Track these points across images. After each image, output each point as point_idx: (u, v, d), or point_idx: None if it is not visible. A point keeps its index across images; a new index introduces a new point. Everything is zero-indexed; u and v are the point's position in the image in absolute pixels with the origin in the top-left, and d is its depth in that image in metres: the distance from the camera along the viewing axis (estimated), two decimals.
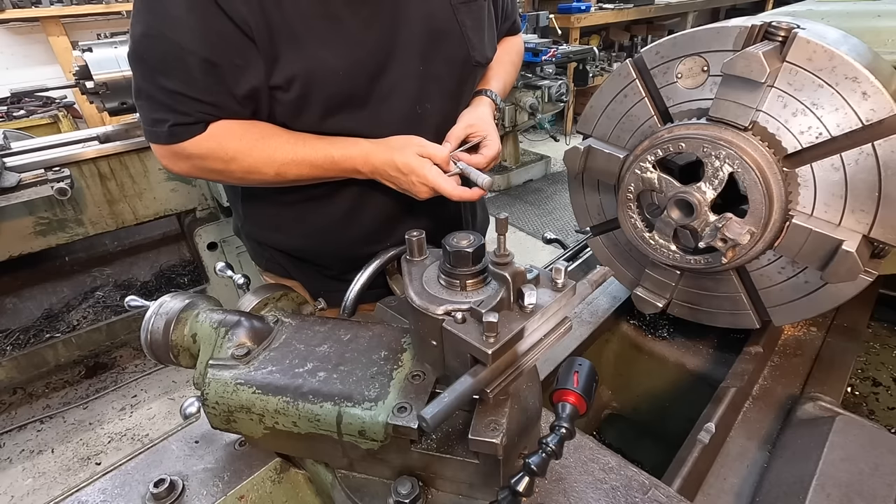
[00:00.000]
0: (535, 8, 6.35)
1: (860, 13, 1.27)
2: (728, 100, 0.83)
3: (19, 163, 2.19)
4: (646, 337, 1.29)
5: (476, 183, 1.09)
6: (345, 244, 1.30)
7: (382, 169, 1.09)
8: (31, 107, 3.92)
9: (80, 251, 3.25)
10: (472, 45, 1.19)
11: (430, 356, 0.65)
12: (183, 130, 1.01)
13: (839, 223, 0.82)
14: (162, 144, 1.04)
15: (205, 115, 1.01)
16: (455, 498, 0.68)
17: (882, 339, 1.43)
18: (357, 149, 1.09)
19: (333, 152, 1.08)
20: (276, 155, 1.06)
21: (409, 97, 1.15)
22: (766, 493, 0.82)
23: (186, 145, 1.02)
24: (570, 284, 0.60)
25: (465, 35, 1.17)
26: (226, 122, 1.04)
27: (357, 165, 1.09)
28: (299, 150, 1.07)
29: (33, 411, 2.80)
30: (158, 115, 1.00)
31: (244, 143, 1.05)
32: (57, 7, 4.18)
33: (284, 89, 1.02)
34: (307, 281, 1.39)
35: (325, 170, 1.10)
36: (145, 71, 0.99)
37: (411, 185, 1.08)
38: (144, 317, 0.78)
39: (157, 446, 0.84)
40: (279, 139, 1.07)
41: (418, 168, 1.06)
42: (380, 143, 1.10)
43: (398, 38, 1.09)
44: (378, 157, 1.08)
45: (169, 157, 1.07)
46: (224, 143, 1.04)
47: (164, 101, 0.99)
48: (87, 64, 2.26)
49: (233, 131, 1.04)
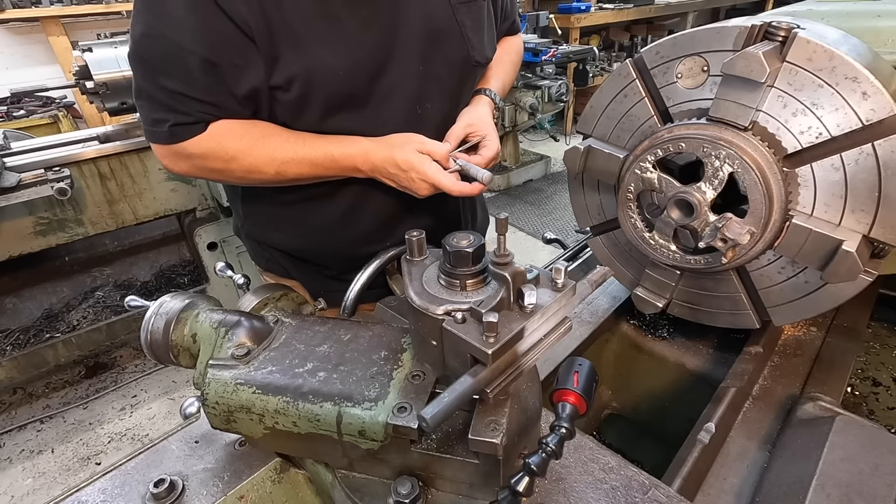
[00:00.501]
0: (535, 8, 6.34)
1: (860, 13, 1.27)
2: (728, 100, 0.83)
3: (19, 163, 2.19)
4: (646, 337, 1.29)
5: (476, 178, 1.09)
6: (344, 244, 1.30)
7: (382, 166, 1.09)
8: (31, 107, 3.91)
9: (80, 251, 3.25)
10: (471, 45, 1.19)
11: (430, 356, 0.65)
12: (183, 130, 1.01)
13: (839, 223, 0.82)
14: (162, 144, 1.04)
15: (205, 115, 1.01)
16: (455, 498, 0.68)
17: (882, 339, 1.43)
18: (357, 147, 1.09)
19: (333, 151, 1.08)
20: (276, 154, 1.06)
21: (409, 97, 1.15)
22: (766, 493, 0.82)
23: (187, 145, 1.03)
24: (570, 284, 0.60)
25: (465, 35, 1.17)
26: (226, 122, 1.04)
27: (357, 164, 1.10)
28: (299, 149, 1.07)
29: (33, 411, 2.80)
30: (159, 115, 1.01)
31: (244, 142, 1.05)
32: (57, 7, 4.18)
33: (284, 89, 1.02)
34: (307, 281, 1.39)
35: (326, 168, 1.10)
36: (145, 71, 0.99)
37: (411, 181, 1.08)
38: (144, 317, 0.78)
39: (157, 446, 0.84)
40: (279, 138, 1.07)
41: (418, 164, 1.06)
42: (379, 141, 1.10)
43: (397, 38, 1.09)
44: (378, 154, 1.08)
45: (169, 156, 1.07)
46: (224, 143, 1.04)
47: (164, 100, 0.99)
48: (87, 64, 2.26)
49: (233, 131, 1.04)
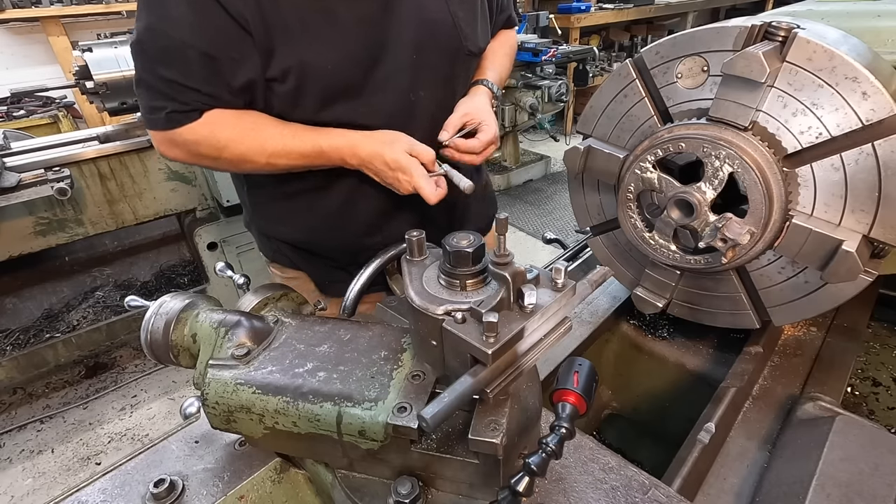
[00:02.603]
0: (535, 8, 6.34)
1: (860, 13, 1.27)
2: (728, 100, 0.83)
3: (19, 163, 2.19)
4: (646, 337, 1.29)
5: (458, 186, 1.12)
6: (345, 236, 1.32)
7: (369, 161, 1.11)
8: (31, 107, 3.91)
9: (80, 251, 3.25)
10: (464, 35, 1.22)
11: (430, 356, 0.65)
12: (179, 117, 1.05)
13: (839, 223, 0.82)
14: (159, 130, 1.08)
15: (201, 104, 1.05)
16: (455, 498, 0.68)
17: (882, 339, 1.43)
18: (345, 140, 1.12)
19: (322, 143, 1.11)
20: (267, 145, 1.10)
21: (403, 87, 1.17)
22: (766, 493, 0.82)
23: (182, 131, 1.06)
24: (570, 284, 0.60)
25: (458, 25, 1.20)
26: (220, 111, 1.07)
27: (345, 156, 1.12)
28: (288, 141, 1.10)
29: (33, 411, 2.80)
30: (157, 103, 1.05)
31: (236, 131, 1.08)
32: (57, 7, 4.17)
33: (280, 81, 1.06)
34: (313, 271, 1.41)
35: (314, 159, 1.13)
36: (146, 62, 1.02)
37: (396, 181, 1.12)
38: (144, 317, 0.78)
39: (157, 446, 0.84)
40: (270, 129, 1.10)
41: (407, 167, 1.09)
42: (369, 135, 1.13)
43: (391, 30, 1.11)
44: (366, 148, 1.11)
45: (165, 143, 1.11)
46: (216, 132, 1.08)
47: (162, 89, 1.03)
48: (87, 64, 2.26)
49: (226, 120, 1.08)
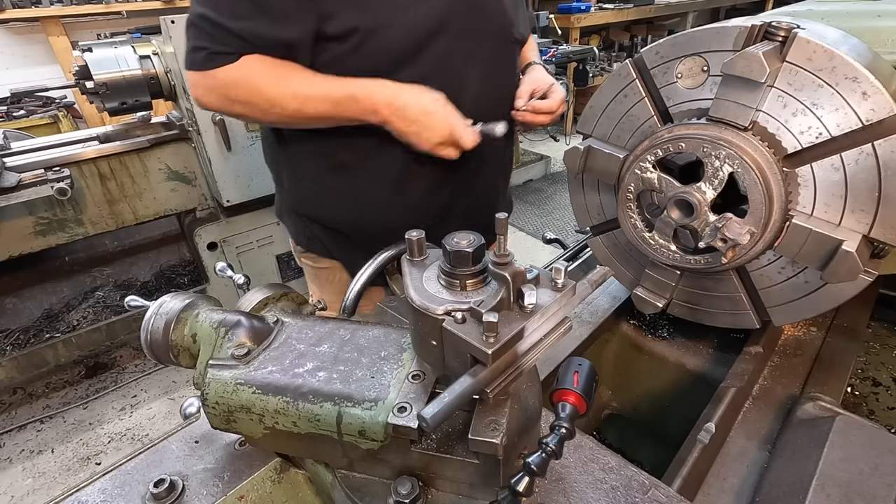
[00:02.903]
0: (535, 8, 6.32)
1: (860, 13, 1.27)
2: (728, 100, 0.83)
3: (19, 163, 2.19)
4: (646, 337, 1.29)
5: (494, 133, 1.18)
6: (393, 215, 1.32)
7: (404, 108, 1.12)
8: (31, 107, 3.91)
9: (80, 251, 3.25)
10: (512, 21, 1.29)
11: (430, 356, 0.65)
12: (219, 58, 1.09)
13: (839, 223, 0.82)
14: (196, 70, 1.12)
15: (240, 48, 1.09)
16: (455, 498, 0.68)
17: (882, 339, 1.43)
18: (379, 87, 1.13)
19: (356, 90, 1.12)
20: (300, 90, 1.12)
21: (451, 66, 1.21)
22: (766, 493, 0.82)
23: (218, 72, 1.10)
24: (570, 284, 0.60)
25: (506, 11, 1.27)
26: (258, 57, 1.11)
27: (377, 104, 1.13)
28: (322, 85, 1.13)
29: (33, 411, 2.80)
30: (200, 43, 1.09)
31: (270, 75, 1.11)
32: (57, 7, 4.17)
33: (340, 40, 1.11)
34: (348, 261, 1.41)
35: (344, 108, 1.14)
36: (198, 3, 1.08)
37: (427, 129, 1.13)
38: (144, 317, 0.78)
39: (157, 446, 0.84)
40: (305, 75, 1.14)
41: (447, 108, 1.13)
42: (405, 86, 1.14)
43: (446, 8, 1.15)
44: (406, 95, 1.12)
45: (201, 84, 1.14)
46: (251, 74, 1.11)
47: (208, 31, 1.08)
48: (87, 64, 2.26)
49: (262, 65, 1.11)
